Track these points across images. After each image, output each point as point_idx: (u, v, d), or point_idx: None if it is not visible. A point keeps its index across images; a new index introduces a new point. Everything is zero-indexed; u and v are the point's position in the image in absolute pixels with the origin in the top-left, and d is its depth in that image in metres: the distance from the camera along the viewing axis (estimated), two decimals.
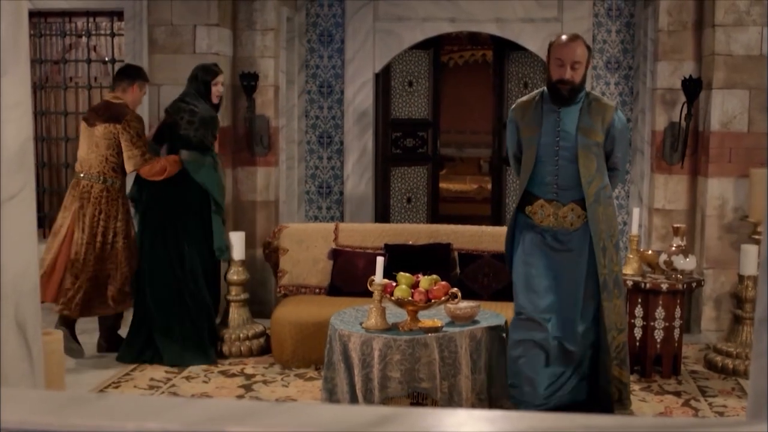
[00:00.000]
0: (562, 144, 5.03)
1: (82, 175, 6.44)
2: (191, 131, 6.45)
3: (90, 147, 6.43)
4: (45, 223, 8.21)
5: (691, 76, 7.34)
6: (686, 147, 7.48)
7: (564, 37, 5.14)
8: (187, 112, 6.47)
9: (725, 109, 7.23)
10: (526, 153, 5.15)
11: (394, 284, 5.11)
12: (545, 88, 5.19)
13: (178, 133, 6.50)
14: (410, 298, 5.03)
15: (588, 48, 5.11)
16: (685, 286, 6.16)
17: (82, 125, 6.54)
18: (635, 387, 5.90)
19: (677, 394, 5.85)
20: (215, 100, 6.67)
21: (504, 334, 5.24)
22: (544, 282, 5.07)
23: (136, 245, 6.53)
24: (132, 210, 6.64)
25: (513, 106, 5.35)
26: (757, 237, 6.72)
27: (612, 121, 5.08)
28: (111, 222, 6.40)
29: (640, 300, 6.17)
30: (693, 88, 7.29)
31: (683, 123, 7.43)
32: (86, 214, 6.36)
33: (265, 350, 6.67)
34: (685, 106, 7.36)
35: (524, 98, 5.33)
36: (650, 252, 6.48)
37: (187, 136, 6.46)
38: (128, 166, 6.38)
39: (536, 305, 5.07)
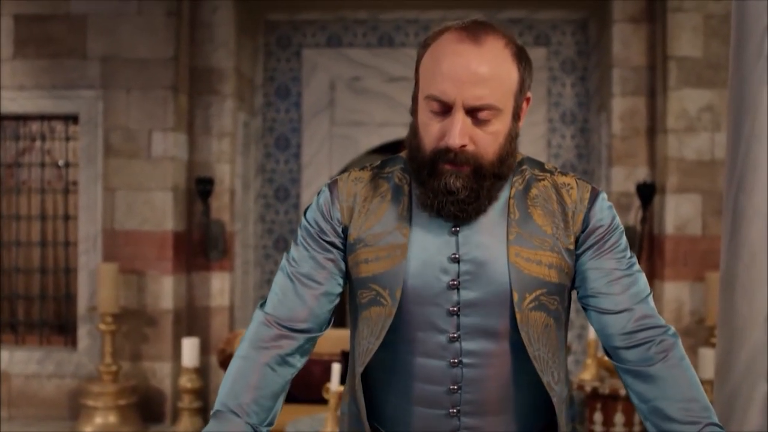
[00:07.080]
0: (465, 291, 1.93)
1: None
2: None
3: None
4: None
5: (645, 180, 7.41)
6: (642, 251, 7.52)
7: (456, 26, 1.87)
8: None
9: (679, 213, 7.29)
10: (361, 323, 2.01)
11: None
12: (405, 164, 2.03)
13: None
14: None
15: (520, 56, 1.89)
16: None
17: None
18: None
19: None
20: None
21: None
22: None
23: None
24: None
25: (328, 183, 2.06)
26: (714, 340, 6.70)
27: (595, 211, 2.11)
28: None
29: (599, 406, 6.10)
30: (647, 192, 7.36)
31: (638, 227, 7.47)
32: None
33: None
34: (640, 210, 7.42)
35: (360, 172, 2.05)
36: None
37: None
38: None
39: None
